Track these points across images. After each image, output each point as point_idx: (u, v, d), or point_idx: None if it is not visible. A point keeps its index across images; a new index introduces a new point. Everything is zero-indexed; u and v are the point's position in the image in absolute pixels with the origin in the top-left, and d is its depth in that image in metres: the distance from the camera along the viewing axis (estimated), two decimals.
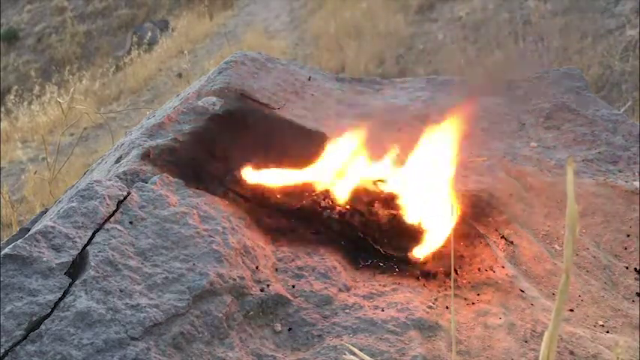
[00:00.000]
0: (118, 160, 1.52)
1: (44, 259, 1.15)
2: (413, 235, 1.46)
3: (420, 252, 1.43)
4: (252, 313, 1.22)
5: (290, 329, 1.21)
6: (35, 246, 1.16)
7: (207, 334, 1.14)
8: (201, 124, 1.63)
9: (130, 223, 1.28)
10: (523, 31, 5.54)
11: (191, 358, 1.09)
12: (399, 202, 1.52)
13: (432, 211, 1.49)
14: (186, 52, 6.93)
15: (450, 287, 1.34)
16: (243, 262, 1.29)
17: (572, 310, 1.34)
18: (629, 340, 1.26)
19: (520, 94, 2.16)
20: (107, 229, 1.25)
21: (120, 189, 1.35)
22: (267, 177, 1.53)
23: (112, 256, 1.19)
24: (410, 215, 1.49)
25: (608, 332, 1.28)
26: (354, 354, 1.07)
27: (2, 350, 1.01)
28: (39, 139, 6.70)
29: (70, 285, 1.13)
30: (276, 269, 1.33)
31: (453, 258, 1.40)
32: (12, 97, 8.35)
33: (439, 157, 1.58)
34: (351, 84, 2.16)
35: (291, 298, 1.26)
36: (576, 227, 0.63)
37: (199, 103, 1.70)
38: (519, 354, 1.18)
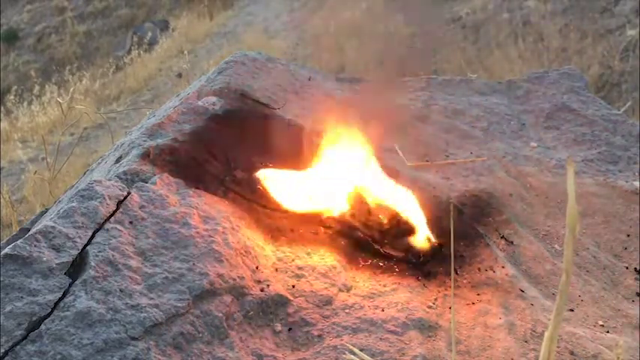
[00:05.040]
0: (118, 160, 1.52)
1: (44, 259, 1.15)
2: (412, 234, 1.46)
3: (419, 251, 1.43)
4: (252, 313, 1.22)
5: (290, 329, 1.21)
6: (35, 246, 1.16)
7: (207, 334, 1.14)
8: (201, 124, 1.63)
9: (130, 223, 1.28)
10: (523, 31, 5.54)
11: (191, 358, 1.09)
12: (398, 201, 1.52)
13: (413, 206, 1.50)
14: (186, 52, 6.92)
15: (450, 287, 1.34)
16: (243, 262, 1.29)
17: (572, 310, 1.34)
18: (629, 340, 1.26)
19: (520, 94, 2.16)
20: (107, 229, 1.25)
21: (120, 189, 1.35)
22: (267, 177, 1.53)
23: (112, 256, 1.19)
24: (409, 214, 1.49)
25: (608, 332, 1.28)
26: (354, 354, 1.07)
27: (2, 350, 1.01)
28: (39, 139, 6.70)
29: (70, 285, 1.13)
30: (276, 269, 1.33)
31: (453, 258, 1.40)
32: (12, 97, 8.35)
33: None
34: (351, 84, 2.15)
35: (291, 298, 1.26)
36: (577, 227, 0.63)
37: (199, 103, 1.70)
38: (519, 354, 1.18)
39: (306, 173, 1.56)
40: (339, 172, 1.55)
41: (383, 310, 1.25)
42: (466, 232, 1.50)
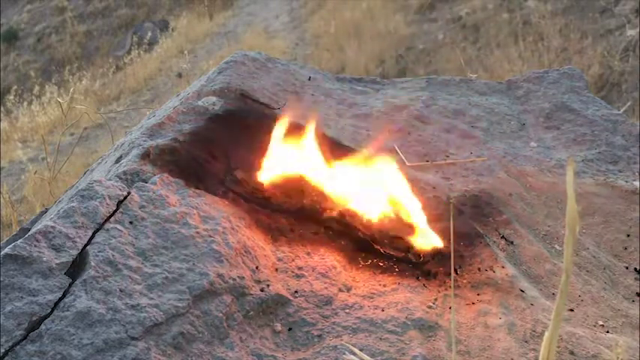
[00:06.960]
0: (118, 160, 1.52)
1: (44, 259, 1.15)
2: (412, 234, 1.46)
3: (419, 251, 1.43)
4: (252, 313, 1.22)
5: (290, 329, 1.21)
6: (35, 246, 1.16)
7: (207, 334, 1.14)
8: (201, 124, 1.63)
9: (130, 223, 1.28)
10: (523, 31, 5.55)
11: (191, 358, 1.09)
12: (398, 200, 1.52)
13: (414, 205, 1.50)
14: (186, 52, 6.93)
15: (450, 287, 1.34)
16: (243, 262, 1.29)
17: (572, 310, 1.34)
18: (629, 340, 1.26)
19: (520, 94, 2.16)
20: (107, 229, 1.25)
21: (120, 189, 1.35)
22: (267, 175, 1.53)
23: (112, 256, 1.19)
24: (408, 214, 1.49)
25: (608, 332, 1.28)
26: (354, 354, 1.07)
27: (2, 350, 1.01)
28: (39, 139, 6.71)
29: (70, 285, 1.13)
30: (276, 269, 1.33)
31: (453, 258, 1.40)
32: (12, 97, 8.35)
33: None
34: (351, 84, 2.16)
35: (291, 298, 1.26)
36: (576, 227, 0.63)
37: (199, 103, 1.70)
38: (519, 354, 1.18)
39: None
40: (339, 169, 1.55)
41: (383, 310, 1.25)
42: (466, 232, 1.50)
